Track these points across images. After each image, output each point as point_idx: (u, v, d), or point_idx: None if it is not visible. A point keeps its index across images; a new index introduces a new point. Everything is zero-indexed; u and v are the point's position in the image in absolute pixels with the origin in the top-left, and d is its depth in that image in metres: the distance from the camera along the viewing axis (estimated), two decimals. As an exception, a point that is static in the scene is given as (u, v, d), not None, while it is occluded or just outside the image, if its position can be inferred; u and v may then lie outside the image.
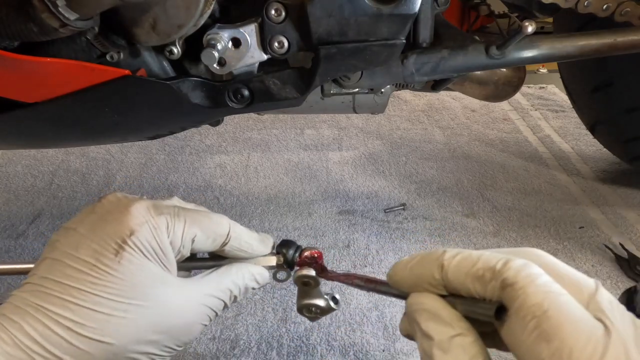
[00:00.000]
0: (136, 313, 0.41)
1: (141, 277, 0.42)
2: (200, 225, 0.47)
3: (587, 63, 1.08)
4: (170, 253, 0.45)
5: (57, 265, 0.42)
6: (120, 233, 0.43)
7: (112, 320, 0.41)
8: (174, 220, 0.45)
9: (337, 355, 0.76)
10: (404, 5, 0.56)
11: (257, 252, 0.52)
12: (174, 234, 0.45)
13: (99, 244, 0.42)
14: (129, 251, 0.42)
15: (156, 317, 0.42)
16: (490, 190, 1.21)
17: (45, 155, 1.36)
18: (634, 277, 0.92)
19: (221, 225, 0.48)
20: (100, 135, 0.74)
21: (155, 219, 0.44)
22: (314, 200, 1.16)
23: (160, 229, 0.44)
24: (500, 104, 1.71)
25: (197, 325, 0.46)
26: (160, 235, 0.44)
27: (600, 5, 0.76)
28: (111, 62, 0.58)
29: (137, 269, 0.42)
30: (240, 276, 0.49)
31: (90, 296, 0.40)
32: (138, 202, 0.45)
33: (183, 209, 0.48)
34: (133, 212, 0.44)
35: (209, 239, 0.48)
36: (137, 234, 0.43)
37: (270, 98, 0.64)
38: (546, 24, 1.62)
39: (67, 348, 0.40)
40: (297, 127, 1.56)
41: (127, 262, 0.42)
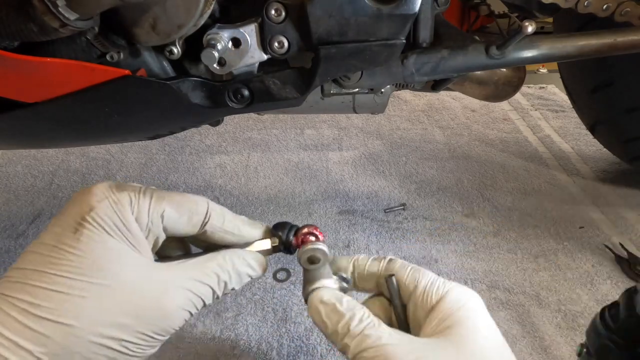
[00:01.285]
0: (97, 292, 0.39)
1: (103, 255, 0.40)
2: (170, 201, 0.44)
3: (587, 63, 1.08)
4: (137, 230, 0.42)
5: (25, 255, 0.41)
6: (80, 211, 0.41)
7: (71, 300, 0.38)
8: (138, 196, 0.43)
9: (337, 355, 0.76)
10: (404, 5, 0.56)
11: (246, 236, 0.49)
12: (139, 209, 0.42)
13: (60, 226, 0.41)
14: (88, 227, 0.40)
15: (123, 298, 0.39)
16: (490, 190, 1.21)
17: (45, 155, 1.36)
18: (634, 277, 0.92)
19: (197, 203, 0.46)
20: (100, 135, 0.74)
21: (116, 195, 0.42)
22: (314, 200, 1.16)
23: (122, 203, 0.42)
24: (500, 104, 1.71)
25: (178, 311, 0.42)
26: (122, 209, 0.41)
27: (600, 5, 0.76)
28: (111, 62, 0.58)
29: (98, 245, 0.40)
30: (228, 260, 0.46)
31: (47, 275, 0.38)
32: (100, 183, 0.44)
33: (152, 188, 0.45)
34: (94, 191, 0.42)
35: (183, 217, 0.45)
36: (96, 209, 0.41)
37: (270, 98, 0.64)
38: (546, 24, 1.62)
39: (21, 330, 0.37)
40: (297, 127, 1.56)
41: (86, 238, 0.40)
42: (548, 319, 0.83)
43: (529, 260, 0.97)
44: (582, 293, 0.89)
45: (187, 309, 0.43)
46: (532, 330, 0.81)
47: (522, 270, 0.94)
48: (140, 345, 0.41)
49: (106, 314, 0.39)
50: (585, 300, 0.87)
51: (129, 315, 0.39)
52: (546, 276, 0.92)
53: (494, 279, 0.92)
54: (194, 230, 0.46)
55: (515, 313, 0.84)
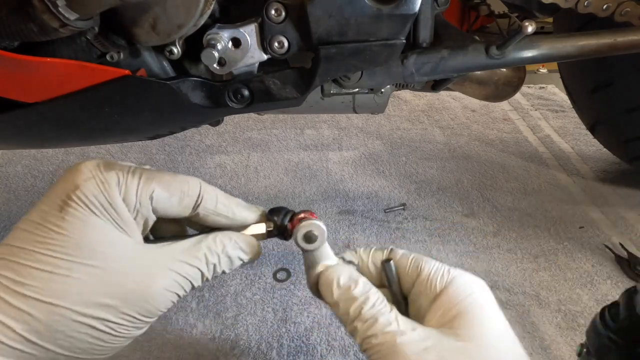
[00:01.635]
0: (83, 272, 0.38)
1: (88, 234, 0.39)
2: (160, 182, 0.43)
3: (587, 63, 1.08)
4: (124, 211, 0.41)
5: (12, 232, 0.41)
6: (66, 190, 0.40)
7: (55, 279, 0.38)
8: (126, 176, 0.42)
9: (337, 355, 0.76)
10: (404, 5, 0.56)
11: (240, 218, 0.47)
12: (127, 190, 0.41)
13: (46, 204, 0.40)
14: (74, 206, 0.40)
15: (108, 278, 0.39)
16: (490, 190, 1.21)
17: (45, 155, 1.36)
18: (634, 277, 0.92)
19: (189, 183, 0.45)
20: (100, 135, 0.73)
21: (103, 174, 0.41)
22: (314, 200, 1.16)
23: (109, 183, 0.41)
24: (500, 104, 1.71)
25: (163, 292, 0.41)
26: (109, 189, 0.41)
27: (600, 5, 0.76)
28: (111, 62, 0.58)
29: (83, 224, 0.39)
30: (217, 242, 0.45)
31: (32, 254, 0.38)
32: (89, 161, 0.43)
33: (142, 168, 0.44)
34: (81, 169, 0.42)
35: (174, 197, 0.44)
36: (81, 188, 0.40)
37: (270, 98, 0.64)
38: (546, 24, 1.62)
39: (6, 308, 0.37)
40: (297, 127, 1.56)
41: (71, 217, 0.39)
42: (548, 319, 0.83)
43: (529, 260, 0.97)
44: (582, 293, 0.89)
45: (173, 291, 0.42)
46: (532, 330, 0.81)
47: (522, 270, 0.94)
48: (124, 326, 0.41)
49: (90, 294, 0.38)
50: (585, 300, 0.87)
51: (113, 296, 0.39)
52: (546, 276, 0.92)
53: (494, 279, 0.92)
54: (186, 212, 0.45)
55: (515, 313, 0.84)
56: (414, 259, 0.49)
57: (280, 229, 0.49)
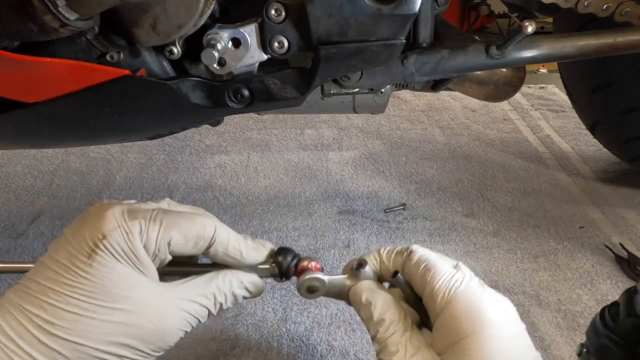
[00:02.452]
0: (106, 314, 0.43)
1: (112, 280, 0.43)
2: (179, 228, 0.47)
3: (587, 63, 1.08)
4: (145, 257, 0.45)
5: (40, 267, 0.44)
6: (93, 237, 0.44)
7: (82, 321, 0.42)
8: (148, 224, 0.46)
9: (337, 355, 0.76)
10: (404, 5, 0.56)
11: (248, 260, 0.50)
12: (148, 238, 0.45)
13: (75, 247, 0.44)
14: (101, 254, 0.43)
15: (128, 320, 0.43)
16: (490, 190, 1.21)
17: (45, 155, 1.36)
18: (634, 277, 0.92)
19: (205, 227, 0.48)
20: (100, 135, 0.73)
21: (128, 223, 0.45)
22: (314, 200, 1.16)
23: (132, 233, 0.45)
24: (500, 104, 1.71)
25: (175, 330, 0.46)
26: (132, 239, 0.44)
27: (600, 5, 0.76)
28: (111, 62, 0.58)
29: (109, 271, 0.43)
30: (226, 283, 0.49)
31: (62, 296, 0.42)
32: (114, 207, 0.46)
33: (162, 211, 0.48)
34: (107, 217, 0.45)
35: (190, 242, 0.47)
36: (108, 238, 0.44)
37: (270, 98, 0.64)
38: (546, 24, 1.62)
39: (38, 346, 0.41)
40: (297, 127, 1.56)
41: (98, 264, 0.43)
42: (548, 319, 0.83)
43: (529, 260, 0.97)
44: (582, 293, 0.89)
45: (183, 329, 0.47)
46: (532, 330, 0.81)
47: (522, 270, 0.94)
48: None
49: (112, 335, 0.43)
50: (585, 300, 0.87)
51: (130, 336, 0.43)
52: (546, 276, 0.92)
53: (494, 279, 0.92)
54: (198, 253, 0.49)
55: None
56: (424, 268, 0.48)
57: (285, 273, 0.51)
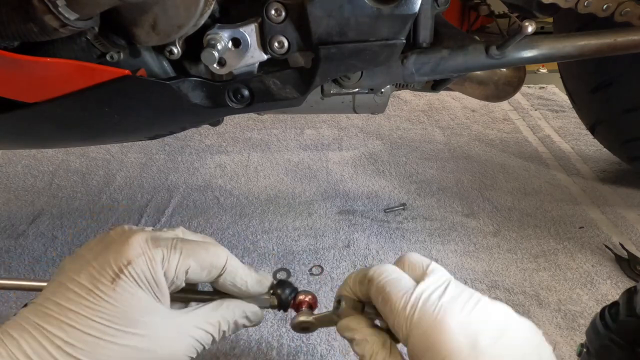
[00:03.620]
0: (124, 339, 0.43)
1: (133, 306, 0.44)
2: (196, 258, 0.49)
3: (587, 63, 1.08)
4: (164, 284, 0.47)
5: (59, 287, 0.45)
6: (118, 262, 0.45)
7: (101, 344, 0.43)
8: (169, 253, 0.47)
9: (337, 355, 0.76)
10: (404, 5, 0.56)
11: (252, 291, 0.53)
12: (169, 266, 0.47)
13: (98, 271, 0.45)
14: (124, 280, 0.44)
15: (143, 345, 0.44)
16: (490, 190, 1.21)
17: (45, 155, 1.36)
18: (634, 277, 0.92)
19: (218, 257, 0.50)
20: (100, 135, 0.74)
21: (152, 251, 0.46)
22: (314, 200, 1.16)
23: (156, 260, 0.46)
24: (500, 104, 1.71)
25: (183, 356, 0.47)
26: (155, 267, 0.46)
27: (600, 5, 0.75)
28: (111, 62, 0.58)
29: (130, 297, 0.44)
30: (230, 312, 0.51)
31: (84, 319, 0.43)
32: (138, 234, 0.48)
33: (182, 240, 0.50)
34: (132, 243, 0.46)
35: (204, 271, 0.49)
36: (133, 264, 0.45)
37: (270, 98, 0.64)
38: (546, 24, 1.62)
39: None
40: (297, 127, 1.56)
41: (121, 289, 0.44)
42: (548, 319, 0.83)
43: (529, 260, 0.97)
44: (582, 293, 0.89)
45: (190, 355, 0.48)
46: (532, 330, 0.81)
47: (522, 270, 0.94)
48: None
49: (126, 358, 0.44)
50: (585, 300, 0.87)
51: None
52: (546, 276, 0.92)
53: (494, 279, 0.92)
54: (210, 281, 0.51)
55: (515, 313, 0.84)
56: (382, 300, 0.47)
57: (283, 306, 0.55)
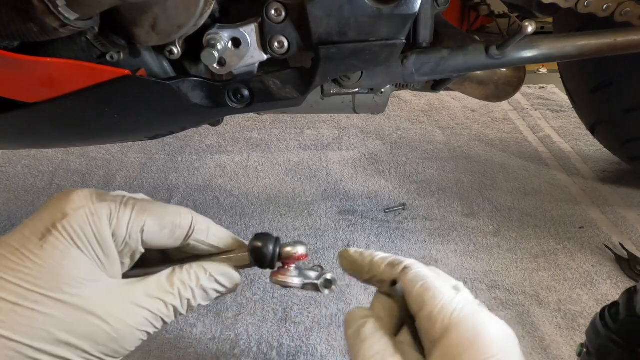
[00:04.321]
0: (50, 307, 0.35)
1: (64, 266, 0.37)
2: (152, 214, 0.41)
3: (587, 63, 1.08)
4: (110, 245, 0.39)
5: None
6: (52, 218, 0.38)
7: (19, 311, 0.35)
8: (118, 208, 0.40)
9: (337, 355, 0.76)
10: (404, 5, 0.56)
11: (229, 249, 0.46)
12: (118, 222, 0.39)
13: (30, 229, 0.38)
14: (56, 235, 0.37)
15: (74, 316, 0.36)
16: (490, 190, 1.21)
17: (45, 155, 1.36)
18: (634, 277, 0.92)
19: (181, 215, 0.43)
20: (100, 135, 0.74)
21: (95, 205, 0.39)
22: (314, 200, 1.16)
23: (99, 215, 0.39)
24: (500, 104, 1.71)
25: (133, 331, 0.39)
26: (97, 222, 0.38)
27: (600, 5, 0.75)
28: (111, 62, 0.58)
29: (62, 256, 0.37)
30: (192, 275, 0.42)
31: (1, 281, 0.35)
32: (81, 190, 0.40)
33: (134, 198, 0.43)
34: (72, 198, 0.39)
35: (165, 230, 0.42)
36: (69, 217, 0.38)
37: (270, 98, 0.64)
38: (546, 24, 1.62)
39: None
40: (297, 127, 1.56)
41: (50, 247, 0.37)
42: (548, 319, 0.83)
43: (529, 260, 0.97)
44: (582, 293, 0.89)
45: (143, 329, 0.40)
46: (532, 330, 0.81)
47: (522, 270, 0.94)
48: None
49: (53, 331, 0.36)
50: (585, 300, 0.87)
51: (77, 335, 0.36)
52: (546, 276, 0.92)
53: (494, 279, 0.92)
54: (176, 244, 0.44)
55: (515, 313, 0.84)
56: (421, 287, 0.41)
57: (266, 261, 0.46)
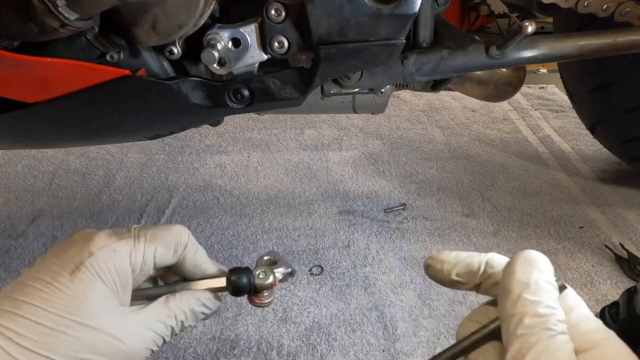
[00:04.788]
0: (78, 331, 0.42)
1: (90, 297, 0.43)
2: (161, 240, 0.49)
3: (587, 63, 1.08)
4: (128, 277, 0.46)
5: (18, 285, 0.44)
6: (80, 256, 0.45)
7: (53, 335, 0.41)
8: (134, 242, 0.47)
9: (337, 355, 0.76)
10: (404, 5, 0.56)
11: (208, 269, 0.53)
12: (136, 255, 0.47)
13: (59, 265, 0.44)
14: (84, 271, 0.44)
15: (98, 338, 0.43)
16: (490, 190, 1.21)
17: (45, 155, 1.36)
18: (634, 277, 0.92)
19: (180, 234, 0.50)
20: (100, 135, 0.73)
21: (116, 243, 0.46)
22: (314, 200, 1.16)
23: (120, 251, 0.46)
24: (500, 104, 1.71)
25: (142, 349, 0.47)
26: (119, 258, 0.46)
27: (600, 5, 0.75)
28: (111, 62, 0.58)
29: (88, 288, 0.43)
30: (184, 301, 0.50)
31: (37, 309, 0.42)
32: (102, 231, 0.48)
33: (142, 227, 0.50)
34: (95, 238, 0.46)
35: (170, 250, 0.49)
36: (95, 255, 0.45)
37: (270, 98, 0.64)
38: (546, 24, 1.62)
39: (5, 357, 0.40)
40: (297, 127, 1.56)
41: (79, 281, 0.43)
42: (548, 319, 0.83)
43: (529, 260, 0.97)
44: (582, 293, 0.89)
45: (150, 348, 0.47)
46: (532, 330, 0.81)
47: (522, 270, 0.94)
48: None
49: (80, 351, 0.43)
50: (585, 300, 0.86)
51: (99, 354, 0.44)
52: (546, 276, 0.92)
53: (494, 279, 0.92)
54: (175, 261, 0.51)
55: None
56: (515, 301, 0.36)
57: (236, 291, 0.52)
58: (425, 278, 0.92)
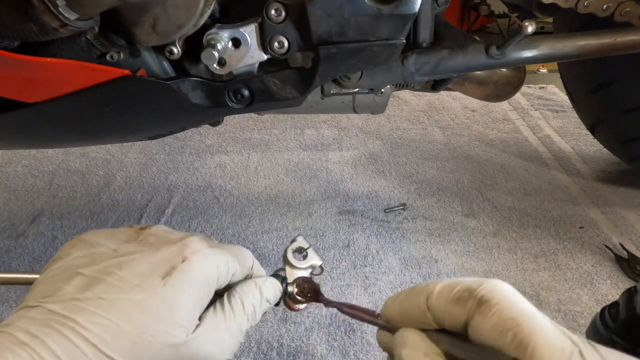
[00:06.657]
0: (165, 338, 0.39)
1: (181, 306, 0.41)
2: (239, 260, 0.48)
3: (587, 63, 1.08)
4: (214, 284, 0.44)
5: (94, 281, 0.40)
6: (173, 260, 0.42)
7: (139, 342, 0.38)
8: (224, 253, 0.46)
9: (337, 355, 0.76)
10: (404, 5, 0.56)
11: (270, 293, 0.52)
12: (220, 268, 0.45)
13: (149, 268, 0.41)
14: (175, 276, 0.41)
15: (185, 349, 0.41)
16: (490, 190, 1.21)
17: (45, 155, 1.36)
18: (634, 277, 0.92)
19: (249, 258, 0.50)
20: (100, 135, 0.74)
21: (207, 249, 0.44)
22: (314, 200, 1.16)
23: (210, 260, 0.44)
24: (500, 104, 1.71)
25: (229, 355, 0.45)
26: (209, 266, 0.44)
27: (600, 5, 0.76)
28: (111, 62, 0.58)
29: (179, 294, 0.41)
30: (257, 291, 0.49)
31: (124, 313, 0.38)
32: (194, 235, 0.46)
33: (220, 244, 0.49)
34: (188, 243, 0.44)
35: (244, 269, 0.49)
36: (188, 261, 0.42)
37: (270, 98, 0.64)
38: (546, 24, 1.62)
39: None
40: (297, 127, 1.56)
41: (171, 286, 0.40)
42: (548, 319, 0.83)
43: (529, 260, 0.97)
44: (582, 293, 0.89)
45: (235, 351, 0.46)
46: (532, 330, 0.81)
47: (522, 270, 0.94)
48: None
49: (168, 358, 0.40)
50: (585, 300, 0.87)
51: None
52: (546, 276, 0.92)
53: (494, 279, 0.92)
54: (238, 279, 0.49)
55: None
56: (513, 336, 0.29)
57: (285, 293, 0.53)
58: (425, 278, 0.92)
